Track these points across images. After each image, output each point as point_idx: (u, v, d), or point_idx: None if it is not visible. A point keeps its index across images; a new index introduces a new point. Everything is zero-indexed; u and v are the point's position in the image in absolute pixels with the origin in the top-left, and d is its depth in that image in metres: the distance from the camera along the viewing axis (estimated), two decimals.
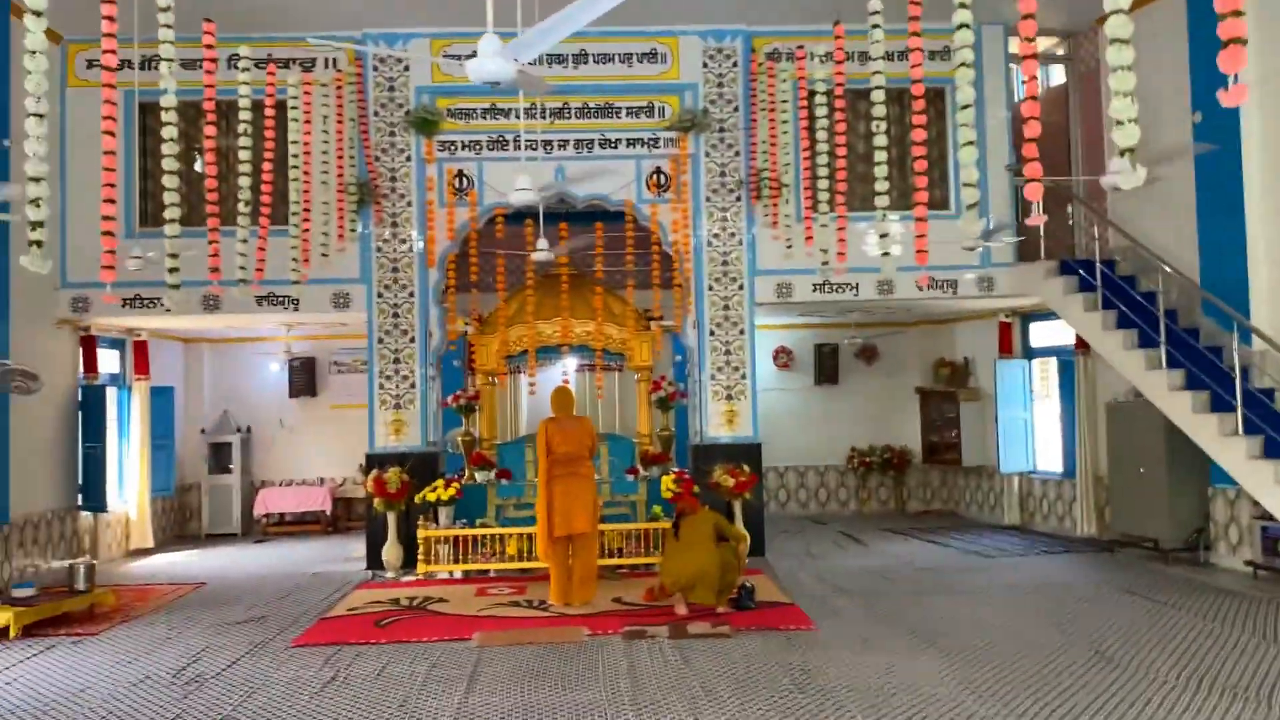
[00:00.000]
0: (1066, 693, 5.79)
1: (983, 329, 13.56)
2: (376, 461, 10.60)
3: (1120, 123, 4.61)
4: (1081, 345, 11.45)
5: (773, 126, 10.46)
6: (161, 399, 12.81)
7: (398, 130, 10.95)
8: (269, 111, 9.04)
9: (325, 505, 13.90)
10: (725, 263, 11.04)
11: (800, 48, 10.76)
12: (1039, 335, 12.80)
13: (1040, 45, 11.84)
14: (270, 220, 9.14)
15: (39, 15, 4.99)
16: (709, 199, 11.06)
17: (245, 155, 8.32)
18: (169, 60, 6.30)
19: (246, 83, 8.41)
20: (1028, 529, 12.64)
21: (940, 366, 14.27)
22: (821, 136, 8.18)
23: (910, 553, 11.09)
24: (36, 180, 4.72)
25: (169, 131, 6.13)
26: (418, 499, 10.19)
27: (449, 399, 11.37)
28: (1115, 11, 4.59)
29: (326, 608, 8.78)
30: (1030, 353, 12.87)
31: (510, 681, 6.29)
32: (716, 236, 11.05)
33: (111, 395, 11.84)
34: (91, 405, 11.15)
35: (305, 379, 14.33)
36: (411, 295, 10.93)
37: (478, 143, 11.00)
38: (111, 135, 5.47)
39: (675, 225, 10.96)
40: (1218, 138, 8.76)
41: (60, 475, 10.78)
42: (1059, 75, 12.53)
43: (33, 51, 4.89)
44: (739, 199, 11.04)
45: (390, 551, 10.33)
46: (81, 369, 11.22)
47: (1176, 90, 9.62)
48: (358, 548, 11.77)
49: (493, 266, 11.75)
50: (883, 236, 6.48)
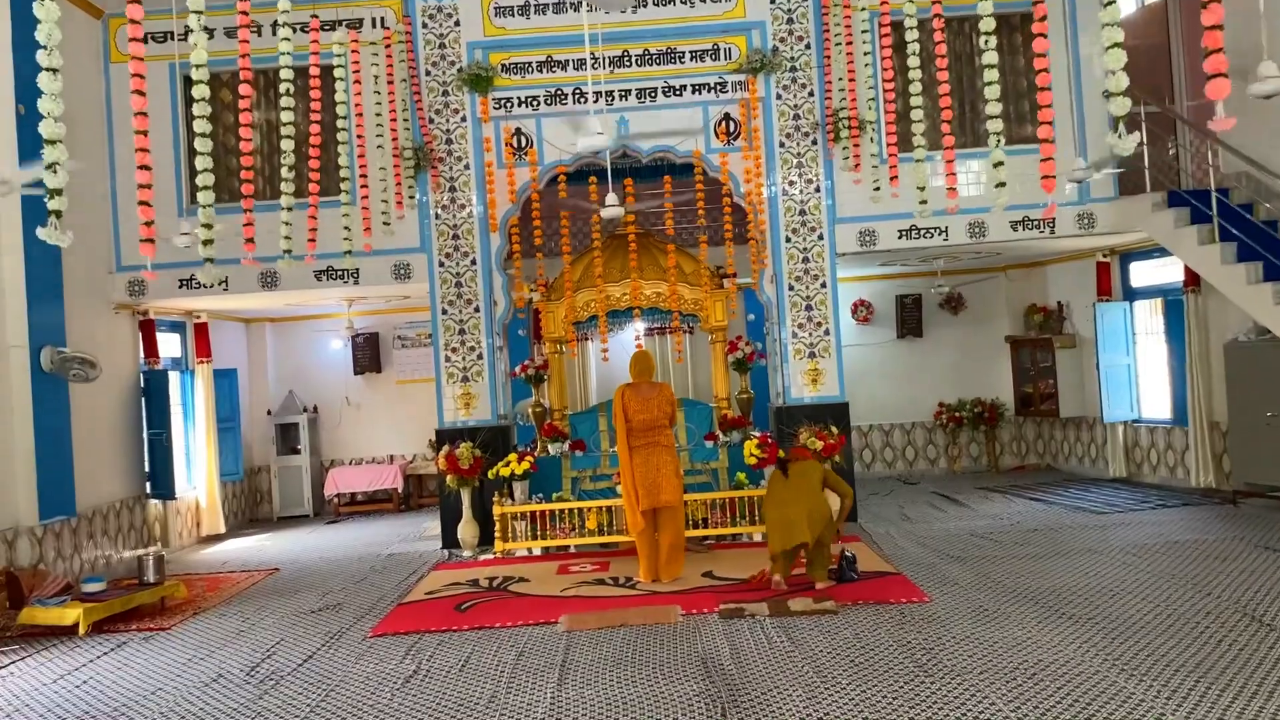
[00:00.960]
0: (1231, 667, 5.13)
1: (1077, 271, 12.73)
2: (447, 437, 10.18)
3: None
4: (1191, 282, 10.61)
5: (851, 61, 9.71)
6: (225, 381, 12.52)
7: (450, 89, 10.42)
8: (314, 77, 8.51)
9: (396, 483, 13.59)
10: (803, 212, 10.36)
11: None
12: (1140, 274, 11.93)
13: None
14: (323, 191, 8.67)
15: None
16: (783, 144, 10.37)
17: (289, 122, 7.75)
18: (199, 28, 5.76)
19: (288, 51, 7.82)
20: (1135, 481, 11.85)
21: (1032, 313, 13.45)
22: (915, 75, 7.44)
23: (1014, 512, 10.40)
24: (53, 143, 4.25)
25: (201, 100, 5.62)
26: (491, 474, 9.76)
27: (517, 369, 10.91)
28: None
29: (404, 592, 8.39)
30: (1131, 294, 12.02)
31: (604, 670, 5.79)
32: (792, 184, 10.38)
33: (174, 380, 11.56)
34: (154, 391, 10.87)
35: (369, 355, 14.01)
36: (474, 263, 10.44)
37: (535, 98, 10.42)
38: (142, 95, 4.98)
39: (748, 175, 10.29)
40: None
41: (127, 464, 10.53)
42: None
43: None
44: (815, 143, 10.34)
45: (466, 529, 9.93)
46: (142, 354, 10.94)
47: None
48: (432, 525, 11.44)
49: (557, 230, 11.20)
50: (997, 165, 5.79)
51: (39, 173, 4.41)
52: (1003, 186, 5.88)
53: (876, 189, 9.41)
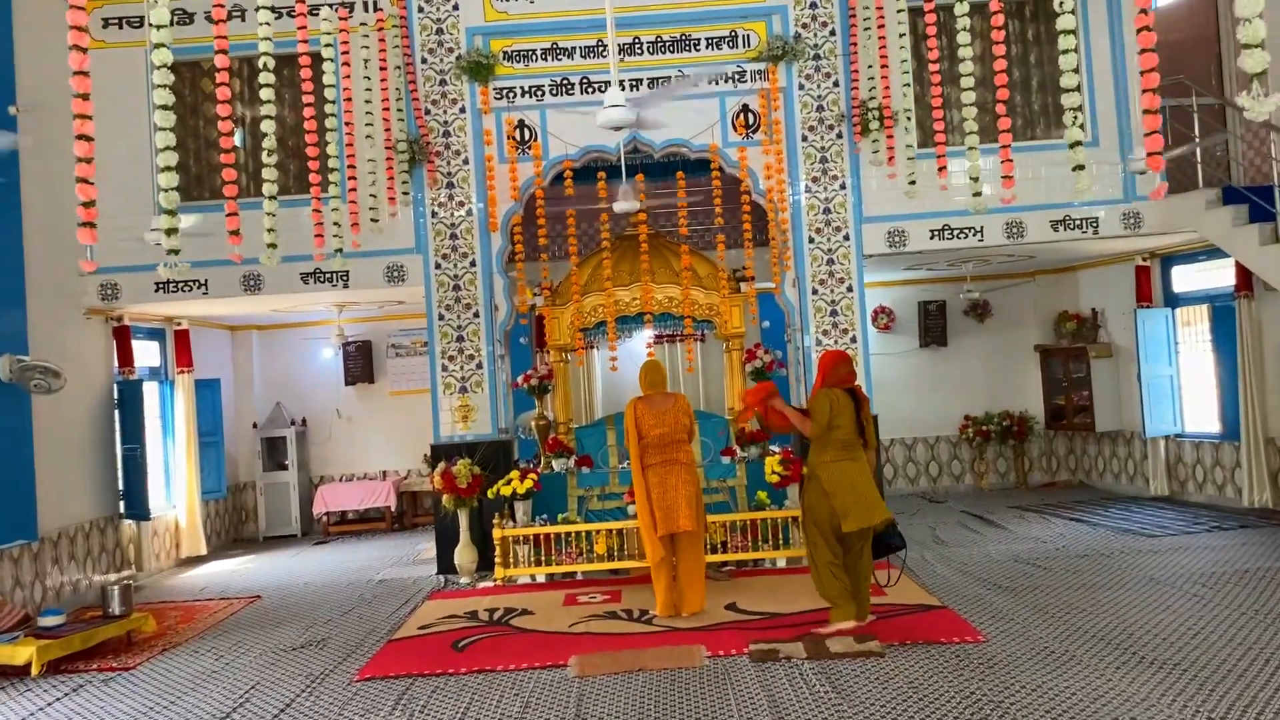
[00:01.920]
0: None
1: (1112, 276, 11.99)
2: (443, 452, 9.41)
3: None
4: (1244, 286, 9.88)
5: (883, 46, 8.96)
6: (208, 392, 11.72)
7: (448, 78, 9.68)
8: (304, 66, 7.73)
9: (389, 500, 12.81)
10: (827, 210, 9.62)
11: None
12: (1183, 279, 11.19)
13: None
14: (311, 187, 7.90)
15: None
16: (805, 138, 9.63)
17: (270, 115, 6.96)
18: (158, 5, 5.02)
19: (268, 37, 6.98)
20: (1179, 500, 11.09)
21: (1063, 320, 12.69)
22: (966, 55, 6.69)
23: (1055, 534, 9.64)
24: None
25: (162, 69, 4.87)
26: (490, 493, 8.98)
27: (519, 379, 10.13)
28: None
29: (395, 625, 7.60)
30: (1173, 300, 11.28)
31: None
32: (816, 180, 9.63)
33: (151, 390, 10.77)
34: (129, 402, 10.07)
35: (361, 364, 13.24)
36: (473, 264, 9.69)
37: (539, 88, 9.69)
38: (85, 76, 4.26)
39: (768, 170, 9.55)
40: None
41: (98, 481, 9.74)
42: None
43: None
44: (840, 136, 9.61)
45: (463, 554, 9.14)
46: (116, 363, 10.16)
47: None
48: (426, 546, 10.68)
49: (563, 231, 10.44)
50: (1074, 146, 5.05)
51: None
52: (1081, 170, 5.12)
53: (912, 182, 8.66)
